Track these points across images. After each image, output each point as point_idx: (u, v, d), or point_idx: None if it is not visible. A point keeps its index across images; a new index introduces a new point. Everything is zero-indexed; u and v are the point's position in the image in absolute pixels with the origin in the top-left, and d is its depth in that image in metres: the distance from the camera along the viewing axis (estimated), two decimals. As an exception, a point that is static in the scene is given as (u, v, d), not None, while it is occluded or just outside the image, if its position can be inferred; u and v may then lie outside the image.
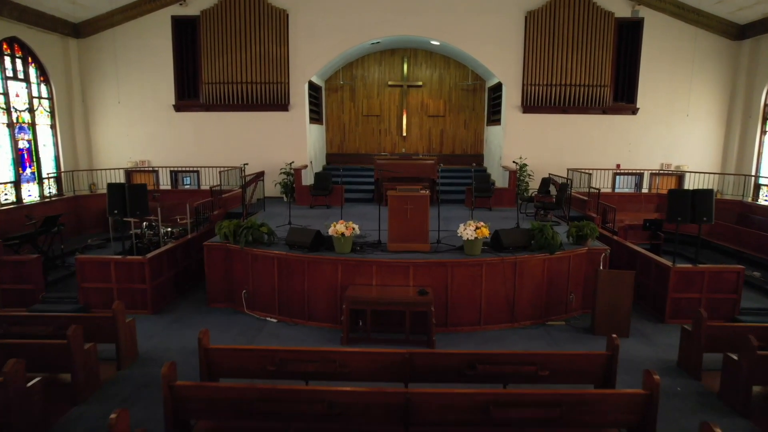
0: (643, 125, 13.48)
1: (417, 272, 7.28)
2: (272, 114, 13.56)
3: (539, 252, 7.66)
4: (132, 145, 13.85)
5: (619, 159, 13.65)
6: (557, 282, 7.85)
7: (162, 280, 8.37)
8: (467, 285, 7.37)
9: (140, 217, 7.89)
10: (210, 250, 8.31)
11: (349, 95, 16.40)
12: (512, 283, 7.51)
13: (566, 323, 7.77)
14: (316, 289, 7.56)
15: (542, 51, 13.03)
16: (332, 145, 16.74)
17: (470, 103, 16.41)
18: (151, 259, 8.02)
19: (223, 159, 13.61)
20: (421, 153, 16.60)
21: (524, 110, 13.37)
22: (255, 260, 7.93)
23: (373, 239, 8.39)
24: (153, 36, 13.24)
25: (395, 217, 7.66)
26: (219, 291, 8.38)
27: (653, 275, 8.13)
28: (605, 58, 12.98)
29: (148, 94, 13.56)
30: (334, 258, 7.39)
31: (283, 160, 13.52)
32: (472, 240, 7.33)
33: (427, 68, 16.26)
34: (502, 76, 13.31)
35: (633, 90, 13.32)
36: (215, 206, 11.15)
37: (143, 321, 7.69)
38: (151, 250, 9.69)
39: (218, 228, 8.29)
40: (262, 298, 7.98)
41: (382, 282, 7.33)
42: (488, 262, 7.35)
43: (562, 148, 13.55)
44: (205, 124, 13.67)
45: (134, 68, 13.45)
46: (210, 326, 7.61)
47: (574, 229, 8.11)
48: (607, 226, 10.86)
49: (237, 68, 13.18)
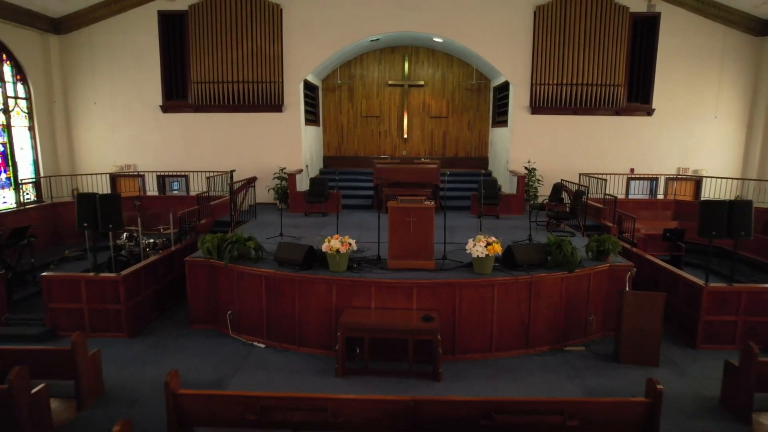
0: (659, 127, 12.71)
1: (421, 294, 6.51)
2: (265, 115, 12.77)
3: (556, 270, 6.89)
4: (117, 148, 13.06)
5: (633, 163, 12.87)
6: (576, 302, 7.08)
7: (140, 298, 7.59)
8: (477, 308, 6.60)
9: (114, 230, 7.10)
10: (192, 266, 7.53)
11: (347, 95, 15.63)
12: (527, 305, 6.74)
13: (586, 348, 7.00)
14: (308, 312, 6.78)
15: (552, 48, 12.25)
16: (330, 148, 15.96)
17: (474, 104, 15.63)
18: (126, 276, 7.24)
19: (214, 163, 12.84)
20: (423, 156, 15.82)
21: (533, 111, 12.60)
22: (241, 278, 7.16)
23: (371, 254, 7.62)
24: (138, 32, 12.46)
25: (396, 231, 6.89)
26: (202, 311, 7.61)
27: (681, 294, 7.35)
28: (619, 55, 12.20)
29: (133, 94, 12.78)
30: (328, 277, 6.61)
31: (277, 164, 12.76)
32: (483, 257, 6.55)
33: (429, 67, 15.48)
34: (510, 75, 12.54)
35: (648, 90, 12.55)
36: (202, 215, 10.37)
37: (117, 346, 6.93)
38: (131, 263, 8.93)
39: (201, 242, 7.51)
40: (249, 320, 7.20)
41: (381, 304, 6.56)
42: (500, 282, 6.57)
43: (573, 152, 12.77)
44: (194, 125, 12.89)
45: (119, 66, 12.67)
46: (190, 352, 6.86)
47: (595, 244, 7.34)
48: (625, 237, 10.08)
49: (228, 66, 12.40)
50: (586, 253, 7.47)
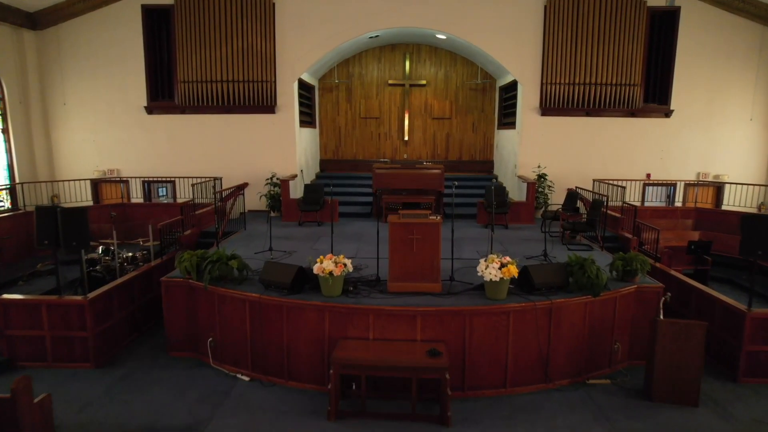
0: (678, 129, 11.90)
1: (426, 323, 5.70)
2: (257, 116, 11.96)
3: (579, 293, 6.09)
4: (99, 152, 12.25)
5: (649, 168, 12.06)
6: (600, 329, 6.27)
7: (111, 322, 6.79)
8: (490, 338, 5.79)
9: (78, 249, 6.29)
10: (169, 287, 6.72)
11: (345, 95, 14.82)
12: (546, 334, 5.94)
13: (612, 382, 6.20)
14: (297, 342, 5.98)
15: (564, 45, 11.44)
16: (326, 151, 15.16)
17: (479, 104, 14.82)
18: (94, 300, 6.43)
19: (202, 167, 12.04)
20: (425, 159, 15.02)
21: (543, 112, 11.79)
22: (222, 302, 6.36)
23: (370, 273, 6.83)
24: (121, 28, 11.65)
25: (398, 249, 6.08)
26: (181, 337, 6.80)
27: (718, 319, 6.54)
28: (636, 53, 11.40)
29: (116, 95, 11.97)
30: (320, 304, 5.81)
31: (270, 169, 11.95)
32: (497, 281, 5.75)
33: (431, 65, 14.67)
34: (518, 73, 11.73)
35: (666, 90, 11.74)
36: (187, 225, 9.56)
37: (80, 380, 6.12)
38: (107, 280, 8.13)
39: (178, 260, 6.70)
40: (231, 348, 6.40)
41: (381, 334, 5.75)
42: (517, 310, 5.77)
43: (585, 156, 11.97)
44: (181, 128, 12.08)
45: (100, 65, 11.85)
46: (165, 386, 6.05)
47: (620, 263, 6.53)
48: (645, 249, 9.28)
49: (217, 65, 11.59)
50: (610, 272, 6.67)
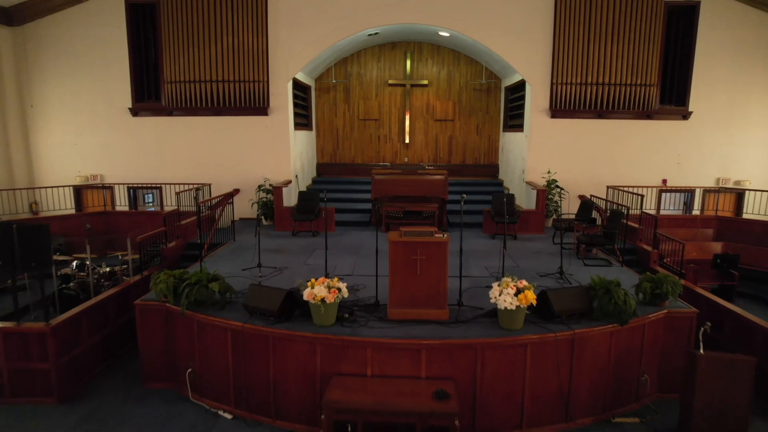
0: (696, 132, 11.19)
1: (432, 358, 5.00)
2: (249, 119, 11.25)
3: (604, 322, 5.39)
4: (81, 156, 11.53)
5: (665, 173, 11.35)
6: (626, 360, 5.58)
7: (80, 350, 6.09)
8: (504, 373, 5.09)
9: (38, 270, 5.58)
10: (144, 312, 6.02)
11: (343, 96, 14.11)
12: (568, 368, 5.24)
13: (641, 421, 5.50)
14: (285, 376, 5.28)
15: (575, 43, 10.73)
16: (323, 154, 14.45)
17: (483, 105, 14.12)
18: (58, 327, 5.72)
19: (191, 173, 11.34)
20: (427, 163, 14.33)
21: (552, 114, 11.08)
22: (202, 330, 5.66)
23: (368, 295, 6.13)
24: (103, 24, 10.93)
25: (399, 271, 5.38)
26: (157, 367, 6.11)
27: (759, 347, 5.83)
28: (652, 51, 10.68)
29: (99, 95, 11.26)
30: (311, 335, 5.11)
31: (262, 175, 11.24)
32: (512, 310, 5.04)
33: (433, 64, 13.97)
34: (527, 73, 11.02)
35: (684, 90, 11.03)
36: (171, 236, 8.86)
37: (42, 417, 5.43)
38: (81, 298, 7.43)
39: (154, 282, 6.00)
40: (213, 381, 5.70)
41: (380, 370, 5.05)
42: (535, 342, 5.07)
43: (598, 161, 11.26)
44: (168, 131, 11.37)
45: (81, 63, 11.14)
46: (137, 425, 5.36)
47: (648, 285, 5.83)
48: (666, 264, 8.58)
49: (205, 64, 10.88)
50: (635, 294, 5.97)
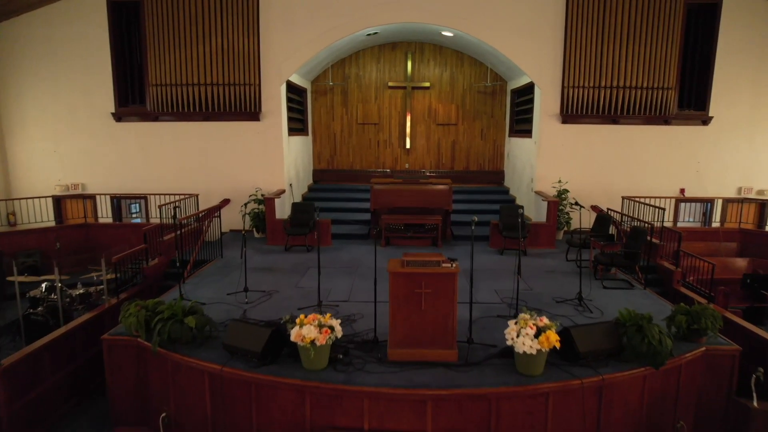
0: (717, 139, 10.50)
1: (439, 410, 4.31)
2: (239, 124, 10.57)
3: (635, 363, 4.70)
4: (62, 164, 10.86)
5: (683, 182, 10.67)
6: (660, 406, 4.89)
7: (39, 391, 5.38)
8: (523, 427, 4.40)
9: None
10: (113, 348, 5.33)
11: (340, 99, 13.42)
12: (595, 418, 4.55)
13: (678, 477, 4.81)
14: (271, 427, 4.59)
15: (588, 43, 10.04)
16: (320, 160, 13.76)
17: (488, 109, 13.43)
18: (9, 369, 5.00)
19: (178, 182, 10.66)
20: (429, 169, 13.65)
21: (563, 120, 10.39)
22: (177, 370, 4.97)
23: (365, 329, 5.44)
24: (85, 23, 10.25)
25: (401, 307, 4.69)
26: (128, 409, 5.41)
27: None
28: (670, 52, 9.99)
29: (79, 99, 10.58)
30: (299, 383, 4.42)
31: (254, 184, 10.57)
32: (532, 354, 4.35)
33: (435, 66, 13.28)
34: (536, 75, 10.33)
35: (704, 94, 10.35)
36: (152, 253, 8.17)
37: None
38: (51, 326, 6.74)
39: (123, 314, 5.31)
40: (189, 427, 5.01)
41: (379, 424, 4.36)
42: (558, 390, 4.38)
43: (611, 169, 10.58)
44: (154, 137, 10.69)
45: (61, 65, 10.46)
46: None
47: (684, 319, 5.14)
48: (690, 284, 7.89)
49: (193, 66, 10.20)
50: (668, 328, 5.28)
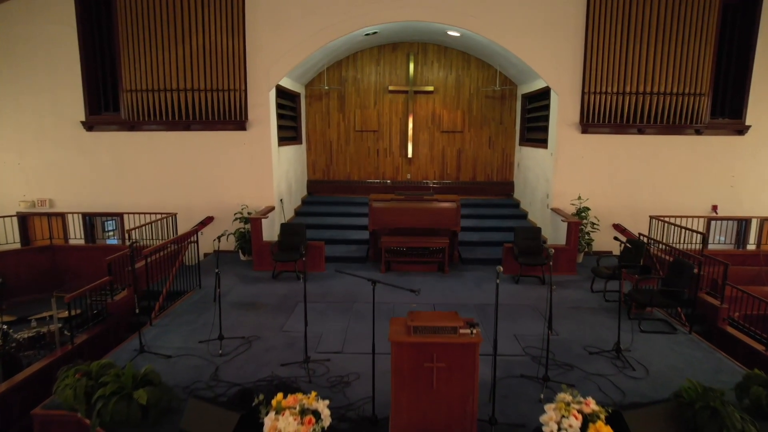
0: (754, 150, 9.48)
1: None
2: (223, 134, 9.53)
3: (707, 458, 3.66)
4: (26, 178, 9.81)
5: (716, 198, 9.64)
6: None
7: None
8: None
9: None
10: (45, 426, 4.28)
11: (337, 104, 12.38)
12: None
13: None
14: None
15: (612, 45, 9.01)
16: (315, 170, 12.72)
17: (496, 115, 12.40)
18: None
19: (156, 198, 9.64)
20: (432, 180, 12.62)
21: (583, 129, 9.36)
22: (122, 460, 3.93)
23: (361, 398, 4.39)
24: (50, 21, 9.21)
25: (407, 386, 3.65)
26: (67, 498, 4.38)
27: None
28: (703, 54, 8.96)
29: (45, 107, 9.53)
30: (272, 492, 3.38)
31: (240, 200, 9.54)
32: (580, 457, 3.32)
33: (440, 68, 12.24)
34: (553, 80, 9.29)
35: (740, 100, 9.32)
36: (118, 285, 7.12)
37: None
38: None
39: (59, 383, 4.27)
40: None
41: None
42: (613, 504, 3.34)
43: (636, 183, 9.55)
44: (129, 148, 9.65)
45: (24, 68, 9.41)
46: None
47: (762, 392, 4.09)
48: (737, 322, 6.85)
49: (171, 70, 9.15)
50: (738, 400, 4.24)
